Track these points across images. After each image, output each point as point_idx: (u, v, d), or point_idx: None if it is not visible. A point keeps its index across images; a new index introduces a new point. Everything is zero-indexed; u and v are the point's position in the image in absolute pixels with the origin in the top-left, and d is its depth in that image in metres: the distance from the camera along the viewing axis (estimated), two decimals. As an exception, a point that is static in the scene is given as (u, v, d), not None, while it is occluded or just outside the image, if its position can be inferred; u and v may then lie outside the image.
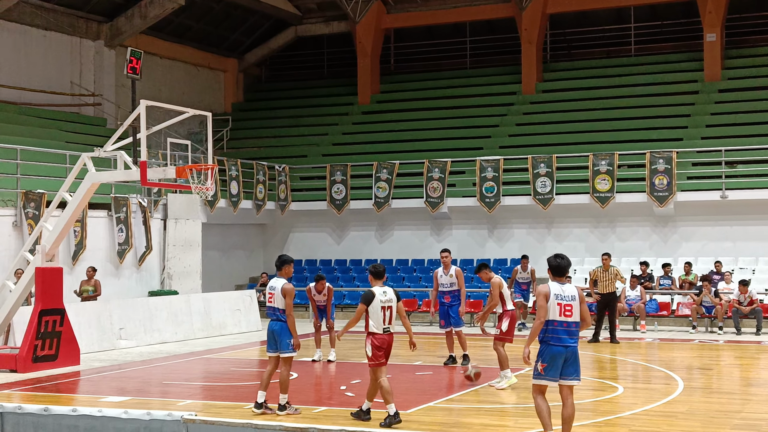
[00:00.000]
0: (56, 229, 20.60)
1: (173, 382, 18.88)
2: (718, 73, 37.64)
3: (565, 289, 11.77)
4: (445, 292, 20.28)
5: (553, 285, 11.77)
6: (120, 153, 19.92)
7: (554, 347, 11.60)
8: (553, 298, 11.63)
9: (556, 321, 11.61)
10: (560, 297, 11.66)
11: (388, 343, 14.17)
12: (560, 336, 11.61)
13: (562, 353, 11.61)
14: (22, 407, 8.63)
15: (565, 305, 11.64)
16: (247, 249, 36.76)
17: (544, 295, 11.67)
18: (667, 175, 31.27)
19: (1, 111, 32.01)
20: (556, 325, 11.61)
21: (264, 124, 43.51)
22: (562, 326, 11.62)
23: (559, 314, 11.61)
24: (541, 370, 11.65)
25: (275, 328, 14.80)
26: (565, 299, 11.66)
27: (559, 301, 11.63)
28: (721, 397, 16.48)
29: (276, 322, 14.82)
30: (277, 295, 14.71)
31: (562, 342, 11.61)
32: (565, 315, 11.63)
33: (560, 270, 11.87)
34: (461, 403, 15.67)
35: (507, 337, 17.35)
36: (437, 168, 34.02)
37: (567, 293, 11.72)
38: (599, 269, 25.52)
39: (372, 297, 13.96)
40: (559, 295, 11.67)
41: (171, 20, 39.68)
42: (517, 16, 40.11)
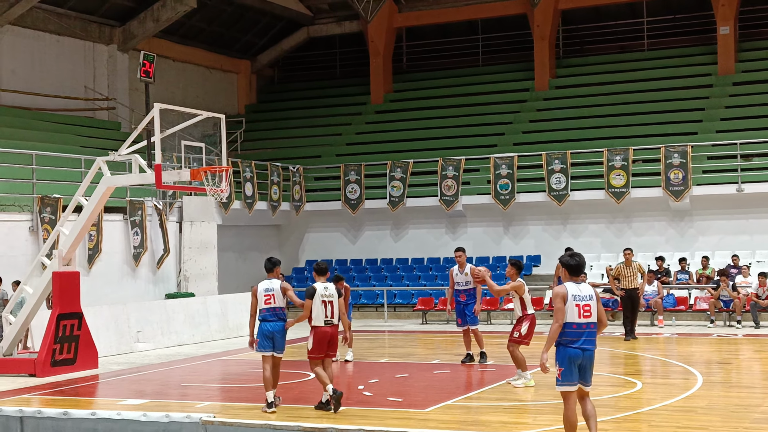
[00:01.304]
0: (72, 233, 20.64)
1: (191, 384, 18.91)
2: (732, 66, 37.52)
3: (582, 288, 11.18)
4: (460, 291, 20.06)
5: (570, 285, 11.15)
6: (135, 156, 19.95)
7: (570, 350, 11.05)
8: (571, 300, 11.03)
9: (574, 323, 11.03)
10: (578, 297, 11.07)
11: (331, 335, 14.83)
12: (579, 339, 11.06)
13: (578, 356, 11.06)
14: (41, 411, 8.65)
15: (584, 306, 11.07)
16: (262, 250, 36.75)
17: (562, 297, 11.03)
18: (683, 169, 31.19)
19: (15, 116, 32.12)
20: (575, 328, 11.04)
21: (277, 125, 43.55)
22: (581, 328, 11.04)
23: (578, 316, 11.04)
24: (558, 375, 11.16)
25: (278, 328, 15.03)
26: (584, 299, 11.08)
27: (577, 302, 11.04)
28: (741, 392, 16.44)
29: (278, 322, 15.04)
30: (277, 294, 15.03)
31: (581, 345, 11.06)
32: (584, 316, 11.06)
33: (578, 269, 11.26)
34: (479, 401, 15.66)
35: (524, 341, 17.17)
36: (451, 166, 34.01)
37: (584, 293, 11.14)
38: (621, 265, 25.30)
39: (314, 291, 14.73)
40: (577, 295, 11.07)
41: (183, 23, 39.74)
42: (529, 13, 40.04)
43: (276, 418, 14.33)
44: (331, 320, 14.78)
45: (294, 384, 18.21)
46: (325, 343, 14.79)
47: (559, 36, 41.75)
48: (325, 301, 14.75)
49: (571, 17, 42.08)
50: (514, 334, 17.18)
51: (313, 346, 14.78)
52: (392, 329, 29.40)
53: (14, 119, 31.79)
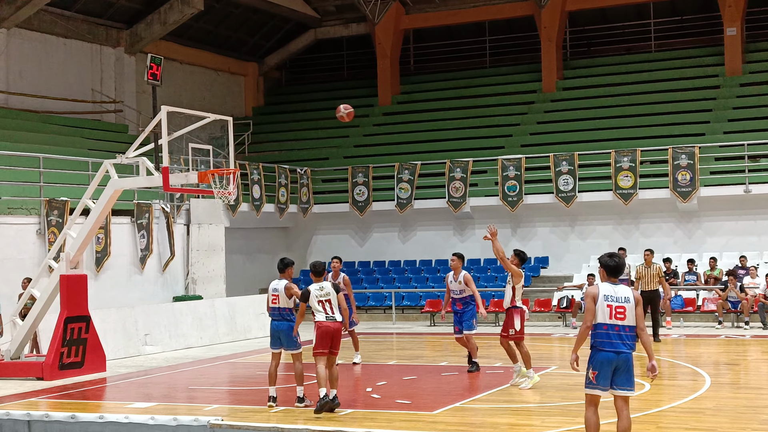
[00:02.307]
0: (80, 236, 20.66)
1: (199, 387, 18.91)
2: (739, 67, 37.48)
3: (618, 290, 10.80)
4: (456, 299, 19.24)
5: (604, 286, 10.83)
6: (142, 159, 19.97)
7: (603, 353, 10.68)
8: (602, 300, 10.70)
9: (605, 324, 10.67)
10: (611, 298, 10.71)
11: (334, 330, 14.92)
12: (611, 341, 10.66)
13: (612, 360, 10.65)
14: (49, 415, 8.66)
15: (617, 307, 10.67)
16: (270, 252, 36.79)
17: (592, 297, 10.76)
18: (690, 170, 31.16)
19: (23, 119, 32.17)
20: (606, 329, 10.67)
21: (285, 127, 43.57)
22: (613, 330, 10.67)
23: (609, 317, 10.66)
24: (592, 378, 10.74)
25: (282, 327, 15.50)
26: (618, 301, 10.71)
27: (609, 303, 10.69)
28: (749, 393, 16.40)
29: (282, 321, 15.52)
30: (281, 296, 15.52)
31: (614, 347, 10.66)
32: (617, 318, 10.67)
33: (616, 270, 10.90)
34: (487, 403, 15.64)
35: (521, 336, 17.12)
36: (459, 168, 34.01)
37: (620, 294, 10.76)
38: (641, 266, 25.13)
39: (308, 294, 15.01)
40: (610, 296, 10.73)
41: (190, 25, 39.79)
42: (536, 15, 40.04)
43: (282, 421, 14.33)
44: (333, 316, 14.95)
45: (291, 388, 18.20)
46: (328, 338, 14.90)
47: (567, 37, 41.75)
48: (321, 301, 14.98)
49: (578, 19, 42.07)
50: (510, 331, 17.13)
51: (316, 342, 14.94)
52: (400, 331, 29.39)
53: (22, 122, 31.84)
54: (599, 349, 10.75)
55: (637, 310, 10.84)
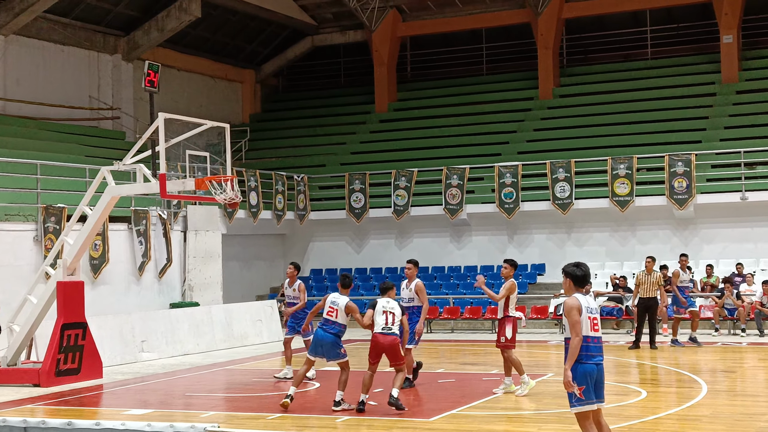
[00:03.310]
0: (77, 243, 20.67)
1: (196, 393, 18.91)
2: (736, 74, 37.55)
3: (590, 301, 10.69)
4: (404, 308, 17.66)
5: (581, 297, 10.62)
6: (139, 166, 19.99)
7: (586, 366, 10.50)
8: (585, 312, 10.52)
9: (588, 336, 10.51)
10: (590, 310, 10.59)
11: (380, 344, 15.59)
12: (591, 353, 10.52)
13: (593, 372, 10.52)
14: (45, 422, 8.67)
15: (593, 318, 10.59)
16: (267, 259, 36.81)
17: (578, 309, 10.48)
18: (687, 177, 31.20)
19: (20, 126, 32.17)
20: (589, 341, 10.52)
21: (282, 134, 43.59)
22: (593, 342, 10.53)
23: (590, 329, 10.52)
24: (580, 394, 10.47)
25: (328, 339, 15.79)
26: (593, 312, 10.63)
27: (589, 315, 10.55)
28: (746, 400, 16.42)
29: (329, 334, 15.79)
30: (340, 311, 15.89)
31: (595, 360, 10.54)
32: (594, 330, 10.58)
33: (584, 279, 10.71)
34: (484, 410, 15.65)
35: (512, 344, 17.07)
36: (456, 175, 34.03)
37: (592, 305, 10.67)
38: (642, 273, 25.14)
39: (375, 304, 15.79)
40: (588, 308, 10.59)
41: (188, 33, 39.81)
42: (533, 22, 40.10)
43: (278, 427, 14.35)
44: (390, 328, 15.57)
45: (298, 393, 18.22)
46: (376, 352, 15.65)
47: (563, 45, 41.82)
48: (385, 311, 15.71)
49: (575, 26, 42.14)
50: (501, 339, 17.16)
51: (369, 351, 15.72)
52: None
53: (19, 129, 31.84)
54: (582, 362, 10.54)
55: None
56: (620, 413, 14.91)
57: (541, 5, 39.47)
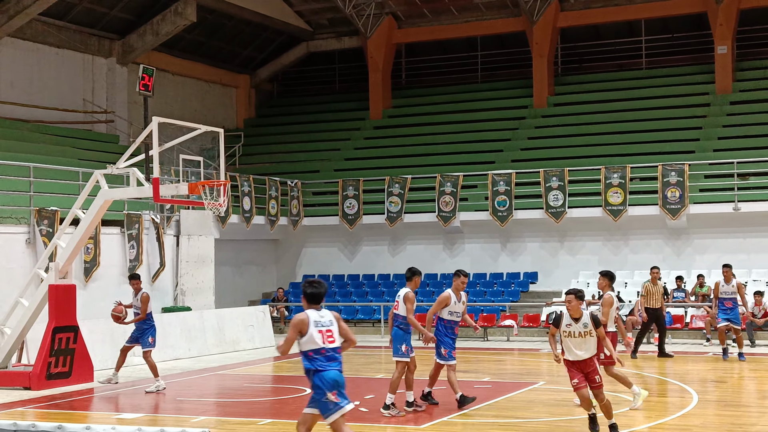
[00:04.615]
0: (69, 246, 20.64)
1: (187, 398, 18.88)
2: (730, 85, 37.62)
3: (323, 314, 10.96)
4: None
5: (311, 312, 10.91)
6: (133, 170, 19.97)
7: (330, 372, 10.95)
8: (314, 326, 10.80)
9: (324, 348, 10.84)
10: (320, 324, 10.88)
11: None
12: (328, 362, 10.94)
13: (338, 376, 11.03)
14: (35, 425, 8.64)
15: (326, 331, 10.89)
16: (260, 264, 36.79)
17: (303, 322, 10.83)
18: (680, 187, 31.24)
19: (14, 129, 32.13)
20: (324, 353, 10.89)
21: (276, 139, 43.59)
22: (329, 352, 10.90)
23: (324, 341, 10.85)
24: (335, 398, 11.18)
25: (392, 334, 16.22)
26: (325, 325, 10.89)
27: (320, 328, 10.86)
28: (736, 410, 16.42)
29: (394, 328, 16.12)
30: (400, 303, 16.00)
31: (332, 366, 10.97)
32: (328, 342, 10.87)
33: (317, 297, 11.01)
34: (475, 417, 15.64)
35: (611, 360, 16.02)
36: (449, 182, 34.04)
37: (325, 320, 10.92)
38: (649, 283, 25.13)
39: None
40: (318, 322, 10.87)
41: (183, 37, 39.81)
42: (528, 30, 40.15)
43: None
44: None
45: (290, 399, 18.22)
46: None
47: (558, 54, 41.86)
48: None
49: (570, 35, 42.20)
50: (600, 356, 15.77)
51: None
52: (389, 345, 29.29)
53: (13, 131, 31.80)
54: (322, 371, 10.95)
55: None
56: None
57: (537, 14, 39.52)
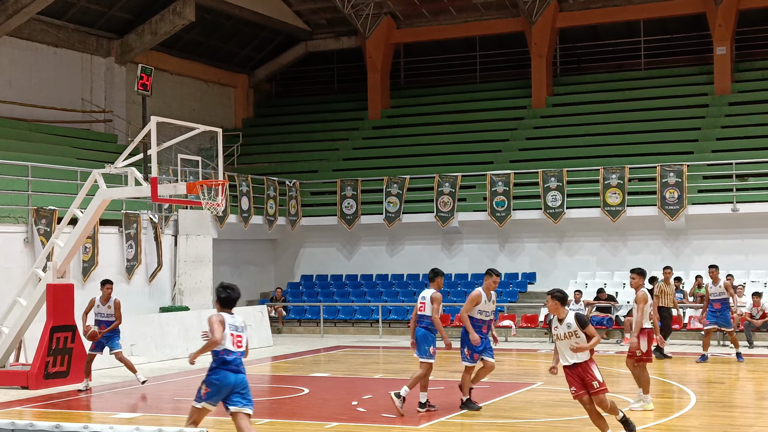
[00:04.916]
0: (67, 245, 20.63)
1: (184, 398, 18.85)
2: (729, 86, 37.61)
3: (237, 320, 11.55)
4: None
5: (227, 316, 11.47)
6: (131, 169, 19.95)
7: (228, 374, 11.49)
8: (228, 329, 11.39)
9: (230, 351, 11.42)
10: (234, 328, 11.44)
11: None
12: (232, 364, 11.48)
13: (229, 380, 11.52)
14: (33, 424, 8.63)
15: (236, 336, 11.44)
16: (258, 264, 36.77)
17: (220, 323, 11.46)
18: (678, 188, 31.24)
19: (12, 128, 32.11)
20: (230, 355, 11.44)
21: (274, 139, 43.57)
22: (235, 355, 11.47)
23: (232, 344, 11.43)
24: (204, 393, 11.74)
25: (418, 334, 16.07)
26: (237, 330, 11.47)
27: (232, 332, 11.42)
28: (734, 411, 16.43)
29: (420, 329, 16.06)
30: (427, 303, 16.05)
31: (233, 369, 11.48)
32: (236, 346, 11.43)
33: (230, 301, 11.58)
34: (473, 418, 15.64)
35: (647, 358, 16.31)
36: (448, 182, 34.03)
37: (238, 324, 11.52)
38: (661, 283, 24.98)
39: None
40: (233, 325, 11.44)
41: (181, 36, 39.78)
42: (526, 31, 40.14)
43: (269, 434, 14.33)
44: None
45: (287, 399, 18.21)
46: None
47: (557, 54, 41.86)
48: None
49: (569, 35, 42.20)
50: (637, 353, 16.27)
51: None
52: (387, 345, 29.37)
53: (11, 130, 31.78)
54: (222, 369, 11.59)
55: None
56: (609, 422, 14.89)
57: (536, 14, 39.52)
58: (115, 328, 20.16)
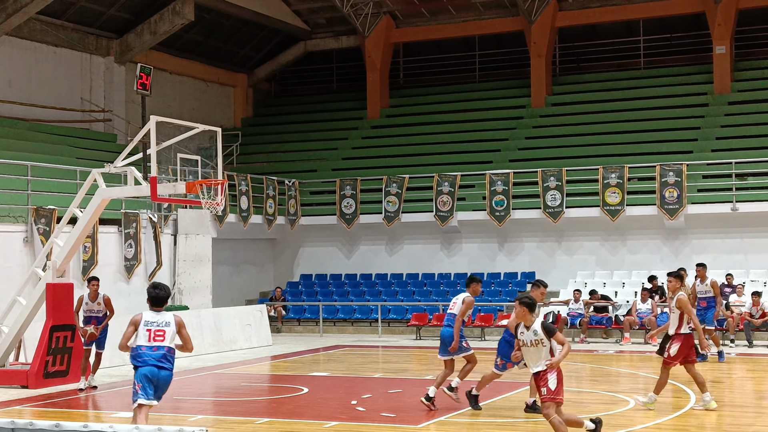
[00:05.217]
0: (67, 245, 20.62)
1: (184, 397, 18.85)
2: (728, 85, 37.62)
3: (154, 317, 12.26)
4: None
5: (146, 313, 12.26)
6: (130, 169, 19.94)
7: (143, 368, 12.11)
8: (143, 325, 12.15)
9: (143, 346, 12.12)
10: (149, 324, 12.19)
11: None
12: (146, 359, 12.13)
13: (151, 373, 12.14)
14: (33, 423, 8.62)
15: (153, 331, 12.17)
16: (257, 264, 36.77)
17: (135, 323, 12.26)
18: (678, 187, 31.24)
19: (12, 127, 32.11)
20: (144, 349, 12.11)
21: (274, 138, 43.57)
22: (151, 350, 12.12)
23: (148, 339, 12.13)
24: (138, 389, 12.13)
25: (445, 334, 16.29)
26: (153, 326, 12.19)
27: (148, 328, 12.17)
28: (733, 411, 16.42)
29: (447, 328, 16.24)
30: (458, 304, 16.30)
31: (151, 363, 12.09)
32: (154, 340, 12.15)
33: (159, 300, 12.38)
34: (473, 417, 15.64)
35: (673, 362, 16.17)
36: (447, 182, 34.02)
37: (155, 320, 12.23)
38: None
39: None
40: (148, 321, 12.19)
41: (180, 36, 39.78)
42: (526, 30, 40.14)
43: (268, 433, 14.32)
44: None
45: (286, 398, 18.21)
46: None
47: (556, 53, 41.86)
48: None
49: (568, 35, 42.20)
50: (665, 354, 16.26)
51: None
52: (386, 344, 29.37)
53: (10, 130, 31.78)
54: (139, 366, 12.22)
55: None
56: (608, 422, 14.89)
57: (535, 13, 39.52)
58: (107, 322, 20.12)
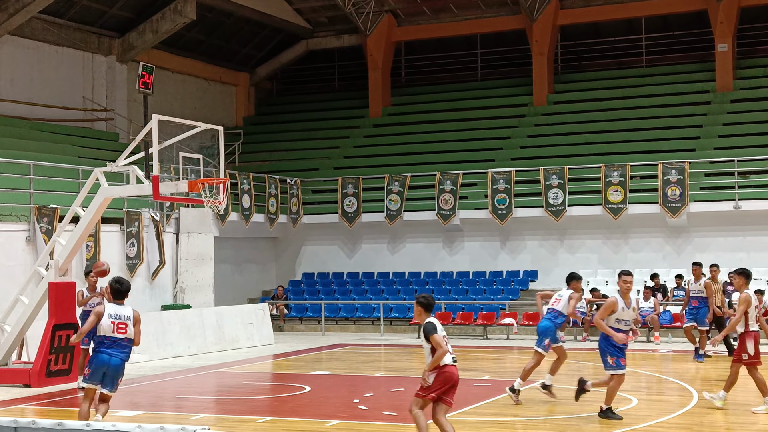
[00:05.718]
0: (69, 243, 20.62)
1: (186, 396, 18.87)
2: (730, 83, 37.59)
3: (119, 309, 13.14)
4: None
5: (109, 305, 13.21)
6: (132, 167, 19.93)
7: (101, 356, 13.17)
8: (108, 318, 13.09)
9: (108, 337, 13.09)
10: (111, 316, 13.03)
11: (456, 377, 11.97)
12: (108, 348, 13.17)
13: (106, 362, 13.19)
14: (36, 422, 8.62)
15: (117, 323, 13.04)
16: (259, 262, 36.77)
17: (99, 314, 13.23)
18: (680, 185, 31.22)
19: (14, 126, 32.12)
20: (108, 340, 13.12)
21: (275, 137, 43.57)
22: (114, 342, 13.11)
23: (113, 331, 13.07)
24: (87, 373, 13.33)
25: (543, 325, 16.80)
26: (117, 318, 13.05)
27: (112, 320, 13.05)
28: (736, 409, 16.39)
29: (547, 320, 16.72)
30: (563, 300, 16.53)
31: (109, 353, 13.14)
32: (118, 332, 13.07)
33: (121, 293, 13.23)
34: (475, 416, 15.63)
35: (755, 361, 15.82)
36: (449, 180, 34.02)
37: (120, 313, 13.10)
38: (709, 281, 24.33)
39: (434, 327, 11.81)
40: (112, 314, 13.05)
41: (182, 35, 39.79)
42: (527, 28, 40.12)
43: (272, 431, 14.31)
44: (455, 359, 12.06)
45: (289, 397, 18.21)
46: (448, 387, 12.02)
47: (558, 51, 41.84)
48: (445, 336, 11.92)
49: (570, 33, 42.18)
50: (743, 356, 15.82)
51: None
52: (388, 343, 29.37)
53: (13, 129, 31.79)
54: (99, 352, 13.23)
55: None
56: (611, 420, 14.90)
57: (536, 12, 39.50)
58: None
